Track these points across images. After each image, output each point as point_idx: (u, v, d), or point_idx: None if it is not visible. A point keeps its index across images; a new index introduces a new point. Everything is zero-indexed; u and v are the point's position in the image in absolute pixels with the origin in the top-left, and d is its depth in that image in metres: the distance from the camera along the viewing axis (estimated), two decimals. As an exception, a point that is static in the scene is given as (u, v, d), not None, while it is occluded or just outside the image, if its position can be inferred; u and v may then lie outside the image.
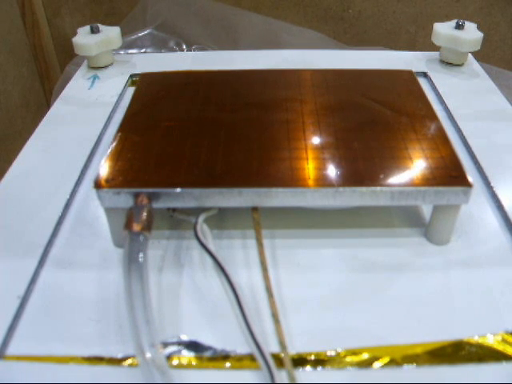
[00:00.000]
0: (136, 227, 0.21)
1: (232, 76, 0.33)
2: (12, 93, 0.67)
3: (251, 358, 0.20)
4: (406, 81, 0.32)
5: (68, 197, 0.28)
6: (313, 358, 0.20)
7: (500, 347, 0.20)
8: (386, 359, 0.20)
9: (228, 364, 0.20)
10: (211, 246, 0.23)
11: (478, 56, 0.42)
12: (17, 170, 0.30)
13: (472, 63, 0.41)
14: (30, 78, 0.72)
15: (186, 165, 0.24)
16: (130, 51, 0.65)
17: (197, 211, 0.24)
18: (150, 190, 0.23)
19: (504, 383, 0.19)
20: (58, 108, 0.36)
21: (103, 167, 0.24)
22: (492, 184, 0.28)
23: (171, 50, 0.67)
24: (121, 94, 0.37)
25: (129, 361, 0.20)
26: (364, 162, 0.24)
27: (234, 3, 0.70)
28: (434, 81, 0.38)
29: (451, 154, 0.25)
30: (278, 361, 0.19)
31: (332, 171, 0.24)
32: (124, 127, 0.27)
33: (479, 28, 0.39)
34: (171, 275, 0.23)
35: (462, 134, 0.32)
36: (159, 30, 0.68)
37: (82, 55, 0.40)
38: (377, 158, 0.25)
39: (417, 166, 0.24)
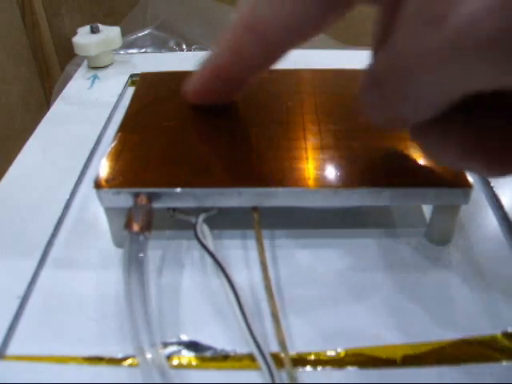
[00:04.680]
0: (136, 227, 0.21)
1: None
2: (12, 93, 0.67)
3: (251, 357, 0.20)
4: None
5: (68, 197, 0.28)
6: (313, 358, 0.20)
7: (500, 347, 0.20)
8: (386, 359, 0.20)
9: (228, 364, 0.20)
10: (211, 246, 0.23)
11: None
12: (17, 169, 0.30)
13: (472, 63, 0.41)
14: (29, 78, 0.72)
15: (186, 165, 0.24)
16: (130, 51, 0.65)
17: (197, 211, 0.24)
18: (150, 189, 0.23)
19: (504, 383, 0.19)
20: (58, 108, 0.36)
21: (103, 167, 0.24)
22: (492, 184, 0.28)
23: (171, 49, 0.67)
24: (121, 94, 0.37)
25: (129, 361, 0.20)
26: (364, 161, 0.24)
27: (234, 3, 0.70)
28: (433, 81, 0.38)
29: (451, 154, 0.25)
30: (278, 361, 0.19)
31: (332, 171, 0.24)
32: (124, 127, 0.27)
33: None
34: (171, 275, 0.23)
35: (462, 134, 0.32)
36: (159, 30, 0.68)
37: (82, 55, 0.40)
38: (377, 158, 0.25)
39: (417, 166, 0.24)
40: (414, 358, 0.20)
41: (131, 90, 0.35)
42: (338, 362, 0.20)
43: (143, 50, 0.67)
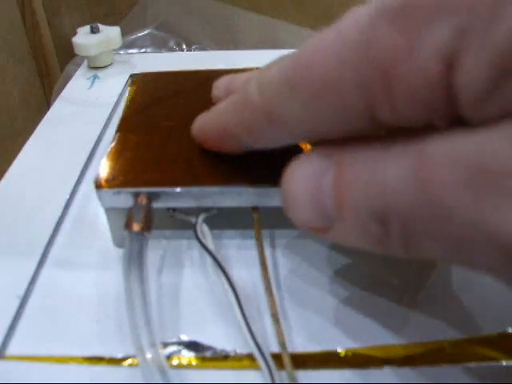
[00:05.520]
0: (136, 227, 0.21)
1: (232, 76, 0.33)
2: (12, 93, 0.67)
3: (251, 357, 0.20)
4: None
5: (68, 197, 0.28)
6: (313, 358, 0.20)
7: (499, 347, 0.20)
8: (386, 359, 0.20)
9: (228, 364, 0.20)
10: (211, 246, 0.23)
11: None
12: (17, 169, 0.30)
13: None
14: (30, 78, 0.72)
15: (186, 165, 0.24)
16: (130, 51, 0.65)
17: (197, 211, 0.24)
18: (150, 189, 0.23)
19: (504, 383, 0.19)
20: (58, 108, 0.36)
21: (103, 167, 0.24)
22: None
23: (171, 49, 0.67)
24: (121, 94, 0.37)
25: (129, 361, 0.20)
26: (364, 161, 0.24)
27: (234, 3, 0.70)
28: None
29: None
30: (278, 361, 0.19)
31: (332, 171, 0.24)
32: (123, 127, 0.27)
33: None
34: (171, 275, 0.23)
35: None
36: (159, 30, 0.68)
37: (82, 55, 0.40)
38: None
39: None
40: (413, 357, 0.20)
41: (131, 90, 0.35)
42: (338, 362, 0.20)
43: (143, 50, 0.67)
